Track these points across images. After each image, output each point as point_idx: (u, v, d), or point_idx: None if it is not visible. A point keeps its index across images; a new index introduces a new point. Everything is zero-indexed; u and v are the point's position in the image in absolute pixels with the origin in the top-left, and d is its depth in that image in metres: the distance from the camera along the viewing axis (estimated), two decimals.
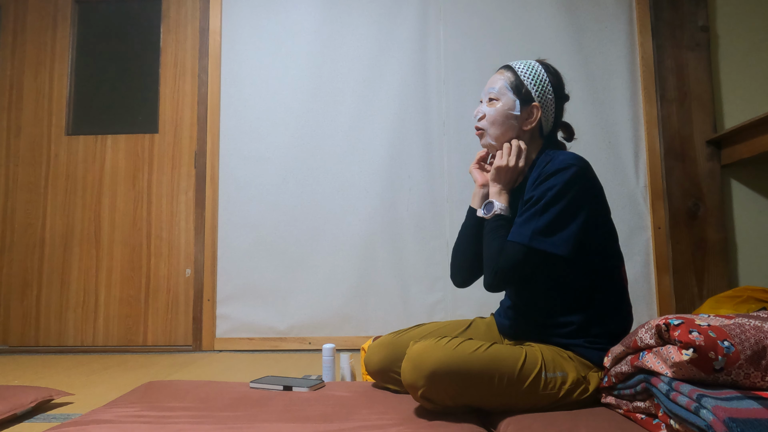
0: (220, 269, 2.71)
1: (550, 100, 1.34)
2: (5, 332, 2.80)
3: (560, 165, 1.21)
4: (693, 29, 2.61)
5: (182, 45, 2.89)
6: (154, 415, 1.24)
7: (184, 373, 2.10)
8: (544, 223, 1.19)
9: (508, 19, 2.73)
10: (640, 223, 2.59)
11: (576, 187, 1.20)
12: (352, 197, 2.69)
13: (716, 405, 0.82)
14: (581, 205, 1.20)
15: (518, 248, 1.20)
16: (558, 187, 1.19)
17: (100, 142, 2.87)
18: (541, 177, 1.23)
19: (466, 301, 2.60)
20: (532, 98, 1.32)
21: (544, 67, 1.36)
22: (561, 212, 1.19)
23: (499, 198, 1.31)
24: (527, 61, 1.36)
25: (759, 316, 1.05)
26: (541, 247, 1.18)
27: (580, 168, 1.21)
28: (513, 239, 1.21)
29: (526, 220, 1.21)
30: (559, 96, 1.36)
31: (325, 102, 2.75)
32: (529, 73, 1.34)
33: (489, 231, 1.28)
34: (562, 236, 1.18)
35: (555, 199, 1.19)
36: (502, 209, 1.29)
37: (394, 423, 1.14)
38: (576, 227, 1.19)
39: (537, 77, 1.33)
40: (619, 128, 2.64)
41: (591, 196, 1.23)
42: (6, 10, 2.99)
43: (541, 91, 1.33)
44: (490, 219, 1.29)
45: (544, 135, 1.37)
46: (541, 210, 1.19)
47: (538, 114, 1.32)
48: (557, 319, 1.25)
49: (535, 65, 1.35)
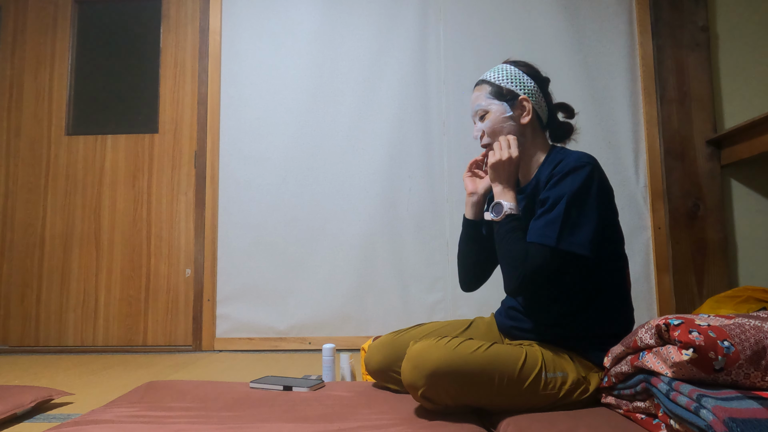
0: (220, 269, 2.71)
1: (532, 87, 1.34)
2: (5, 332, 2.79)
3: (576, 163, 1.20)
4: (693, 29, 2.61)
5: (182, 45, 2.89)
6: (154, 415, 1.24)
7: (184, 373, 2.09)
8: (569, 224, 1.16)
9: (507, 19, 2.73)
10: (640, 223, 2.59)
11: (594, 187, 1.19)
12: (352, 197, 2.69)
13: (716, 405, 0.82)
14: (599, 205, 1.19)
15: (545, 250, 1.16)
16: (577, 186, 1.17)
17: (100, 142, 2.87)
18: (555, 176, 1.21)
19: (466, 301, 2.60)
20: (516, 93, 1.33)
21: (513, 63, 1.37)
22: (583, 212, 1.17)
23: (505, 197, 1.27)
24: (496, 67, 1.38)
25: (759, 316, 1.05)
26: (569, 248, 1.15)
27: (594, 167, 1.21)
28: (539, 241, 1.17)
29: (550, 221, 1.17)
30: (539, 80, 1.36)
31: (325, 102, 2.75)
32: (502, 74, 1.35)
33: (504, 234, 1.23)
34: (586, 236, 1.16)
35: (575, 199, 1.17)
36: (512, 208, 1.25)
37: (394, 423, 1.14)
38: (596, 227, 1.17)
39: (510, 74, 1.34)
40: (619, 128, 2.64)
41: (606, 196, 1.22)
42: (6, 10, 2.99)
43: (520, 83, 1.33)
44: (502, 221, 1.25)
45: (545, 125, 1.37)
46: (564, 211, 1.16)
47: (529, 105, 1.32)
48: (560, 320, 1.25)
49: (504, 66, 1.37)
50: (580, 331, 1.24)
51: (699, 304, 2.43)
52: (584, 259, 1.17)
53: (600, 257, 1.22)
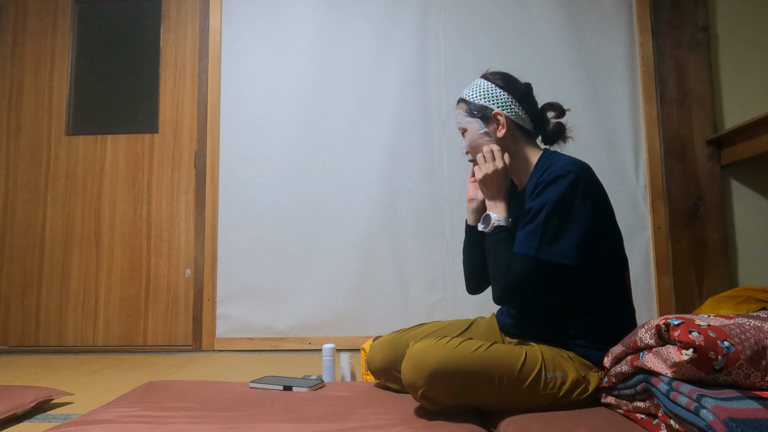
0: (220, 269, 2.71)
1: (506, 98, 1.34)
2: (5, 332, 2.80)
3: (558, 172, 1.20)
4: (693, 29, 2.61)
5: (182, 45, 2.89)
6: (154, 415, 1.24)
7: (184, 373, 2.09)
8: (549, 234, 1.17)
9: (507, 19, 2.73)
10: (640, 223, 2.59)
11: (577, 194, 1.19)
12: (352, 197, 2.69)
13: (716, 405, 0.82)
14: (583, 212, 1.19)
15: (526, 261, 1.18)
16: (558, 195, 1.18)
17: (100, 142, 2.87)
18: (539, 186, 1.22)
19: (467, 301, 2.60)
20: (488, 109, 1.34)
21: (487, 77, 1.38)
22: (564, 221, 1.18)
23: (495, 209, 1.30)
24: (472, 83, 1.40)
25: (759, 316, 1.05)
26: (549, 258, 1.17)
27: (578, 174, 1.20)
28: (519, 251, 1.20)
29: (530, 232, 1.19)
30: (513, 90, 1.35)
31: (325, 102, 2.75)
32: (474, 91, 1.37)
33: (492, 245, 1.27)
34: (568, 245, 1.17)
35: (556, 208, 1.18)
36: (500, 220, 1.28)
37: (394, 423, 1.14)
38: (580, 234, 1.18)
39: (481, 90, 1.36)
40: (619, 128, 2.64)
41: (592, 201, 1.21)
42: (6, 10, 2.99)
43: (493, 97, 1.34)
44: (491, 233, 1.28)
45: (532, 131, 1.37)
46: (543, 220, 1.18)
47: (502, 118, 1.32)
48: (560, 322, 1.25)
49: (478, 81, 1.38)
50: (580, 332, 1.24)
51: (699, 304, 2.43)
52: (569, 267, 1.18)
53: (596, 261, 1.22)
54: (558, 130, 1.39)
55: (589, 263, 1.22)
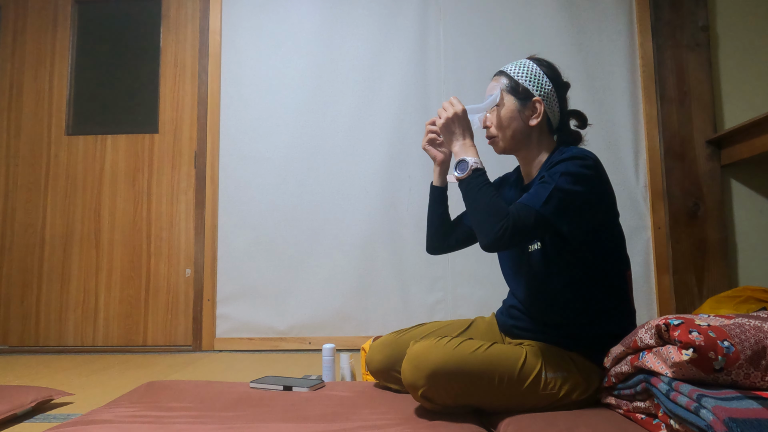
0: (220, 269, 2.71)
1: (550, 90, 1.31)
2: (5, 332, 2.79)
3: (578, 152, 1.20)
4: (693, 29, 2.61)
5: (182, 45, 2.89)
6: (154, 415, 1.24)
7: (184, 373, 2.09)
8: (557, 196, 1.13)
9: (508, 19, 2.73)
10: (640, 223, 2.59)
11: (590, 173, 1.17)
12: (352, 197, 2.69)
13: (716, 405, 0.82)
14: (593, 190, 1.18)
15: (530, 210, 1.12)
16: (574, 168, 1.16)
17: (100, 142, 2.87)
18: (554, 162, 1.20)
19: (467, 301, 2.60)
20: (531, 94, 1.30)
21: (536, 61, 1.33)
22: (572, 190, 1.15)
23: (467, 152, 1.23)
24: (519, 61, 1.35)
25: (759, 316, 1.05)
26: (550, 216, 1.13)
27: (594, 159, 1.20)
28: (525, 202, 1.14)
29: (538, 191, 1.15)
30: (558, 85, 1.32)
31: (325, 102, 2.75)
32: (522, 71, 1.32)
33: (477, 187, 1.18)
34: (568, 213, 1.15)
35: (568, 178, 1.15)
36: (477, 163, 1.21)
37: (394, 423, 1.14)
38: (582, 208, 1.16)
39: (530, 73, 1.31)
40: (619, 128, 2.64)
41: (604, 188, 1.21)
42: (6, 10, 2.99)
43: (538, 85, 1.30)
44: (471, 176, 1.20)
45: (554, 129, 1.35)
46: (555, 184, 1.14)
47: (541, 108, 1.29)
48: (560, 321, 1.25)
49: (526, 62, 1.33)
50: (580, 332, 1.24)
51: (699, 304, 2.43)
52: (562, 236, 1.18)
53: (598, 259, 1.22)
54: (576, 137, 1.37)
55: (592, 260, 1.22)
